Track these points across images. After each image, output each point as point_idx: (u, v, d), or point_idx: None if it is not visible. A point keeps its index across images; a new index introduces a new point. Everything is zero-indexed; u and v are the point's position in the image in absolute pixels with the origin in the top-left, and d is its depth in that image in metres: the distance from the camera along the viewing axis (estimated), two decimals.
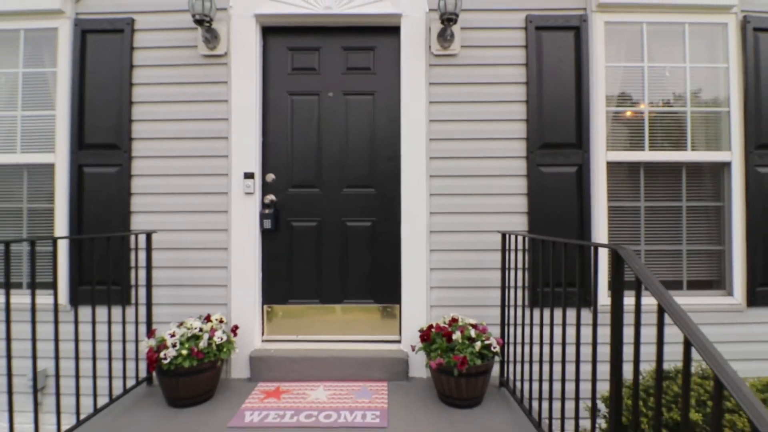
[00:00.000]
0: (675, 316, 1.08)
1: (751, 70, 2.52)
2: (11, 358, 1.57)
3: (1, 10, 2.62)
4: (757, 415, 0.78)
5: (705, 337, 1.00)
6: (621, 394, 1.36)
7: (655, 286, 1.17)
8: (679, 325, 1.06)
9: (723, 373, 0.88)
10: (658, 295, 1.15)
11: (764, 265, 2.50)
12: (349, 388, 2.27)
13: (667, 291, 1.17)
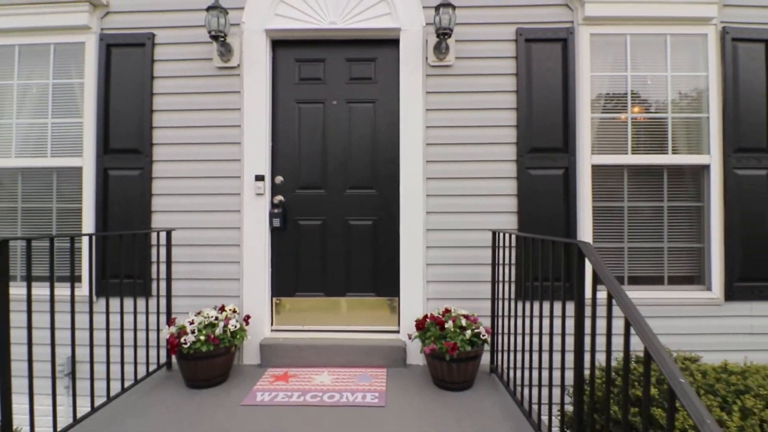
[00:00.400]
0: (619, 300, 1.25)
1: (730, 77, 2.68)
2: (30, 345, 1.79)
3: (33, 26, 2.86)
4: (674, 379, 0.96)
5: (642, 318, 1.18)
6: (583, 378, 1.51)
7: (606, 275, 1.34)
8: (621, 306, 1.23)
9: (651, 346, 1.06)
10: (607, 282, 1.32)
11: (741, 262, 2.66)
12: (351, 373, 2.48)
13: (616, 281, 1.34)
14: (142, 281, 2.64)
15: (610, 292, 1.30)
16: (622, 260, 2.74)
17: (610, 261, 2.73)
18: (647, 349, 1.07)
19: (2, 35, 2.90)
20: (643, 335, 1.10)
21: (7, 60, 2.93)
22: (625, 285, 2.73)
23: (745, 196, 2.66)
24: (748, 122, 2.67)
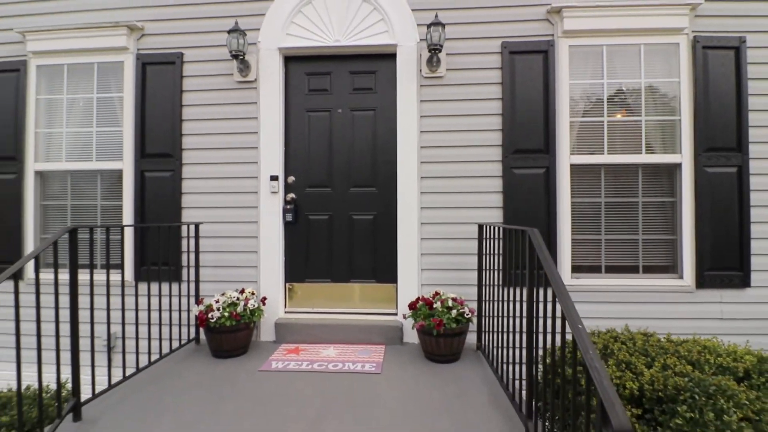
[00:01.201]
0: (551, 277, 1.52)
1: (701, 82, 2.91)
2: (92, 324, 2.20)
3: (79, 48, 3.31)
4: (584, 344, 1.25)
5: (566, 291, 1.42)
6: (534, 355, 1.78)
7: (545, 258, 1.61)
8: (552, 284, 1.50)
9: (566, 308, 1.35)
10: (545, 263, 1.59)
11: (711, 252, 2.89)
12: (353, 348, 2.83)
13: (553, 264, 1.58)
14: (174, 268, 3.06)
15: (546, 273, 1.57)
16: (600, 251, 3.01)
17: (588, 252, 3.01)
18: (563, 311, 1.37)
19: (53, 56, 3.36)
20: (562, 301, 1.38)
21: (57, 77, 3.40)
22: (603, 273, 3.00)
23: (715, 192, 2.89)
24: (717, 123, 2.90)
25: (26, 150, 3.35)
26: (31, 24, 3.36)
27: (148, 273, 2.85)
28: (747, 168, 2.90)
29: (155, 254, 2.81)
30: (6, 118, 3.36)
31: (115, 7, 3.28)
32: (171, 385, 2.30)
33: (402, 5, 3.03)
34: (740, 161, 2.90)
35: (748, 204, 2.89)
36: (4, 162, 3.35)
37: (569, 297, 1.40)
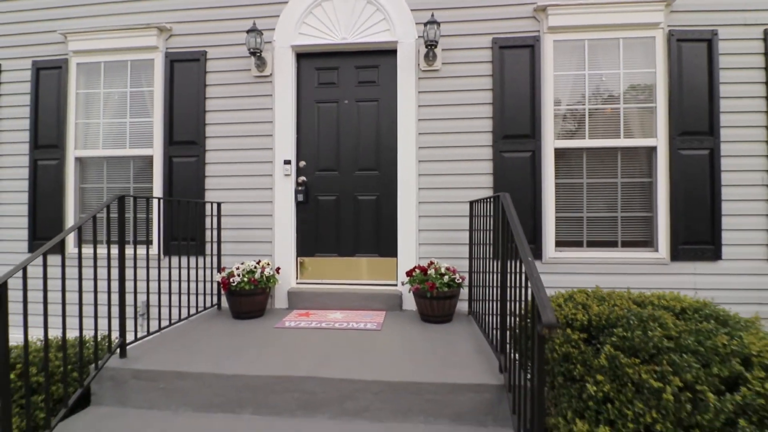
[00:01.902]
0: (516, 236, 1.80)
1: (675, 72, 3.18)
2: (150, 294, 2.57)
3: (114, 47, 3.71)
4: (530, 268, 1.56)
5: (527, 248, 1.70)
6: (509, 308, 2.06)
7: (513, 222, 1.88)
8: (519, 249, 1.78)
9: (522, 250, 1.66)
10: (513, 226, 1.87)
11: (684, 228, 3.15)
12: (357, 313, 3.17)
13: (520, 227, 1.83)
14: (199, 243, 3.44)
15: (512, 233, 1.86)
16: (582, 227, 3.29)
17: (571, 228, 3.30)
18: (517, 247, 1.67)
19: (91, 54, 3.77)
20: (522, 255, 1.67)
21: (94, 74, 3.80)
22: (584, 247, 3.28)
23: (688, 173, 3.16)
24: (691, 110, 3.17)
25: (67, 139, 3.76)
26: (71, 26, 3.77)
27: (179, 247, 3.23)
28: (718, 150, 3.16)
29: (182, 230, 3.19)
30: (50, 111, 3.78)
31: (147, 10, 3.68)
32: (199, 336, 2.67)
33: (402, 5, 3.36)
34: (712, 144, 3.16)
35: (719, 183, 3.15)
36: (48, 149, 3.77)
37: (524, 239, 1.71)
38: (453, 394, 1.95)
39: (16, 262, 3.74)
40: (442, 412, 1.94)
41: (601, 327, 1.69)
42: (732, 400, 1.34)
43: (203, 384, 2.07)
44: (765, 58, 3.17)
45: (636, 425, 1.38)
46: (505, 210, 1.95)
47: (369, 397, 1.98)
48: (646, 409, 1.37)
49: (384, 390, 1.98)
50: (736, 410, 1.34)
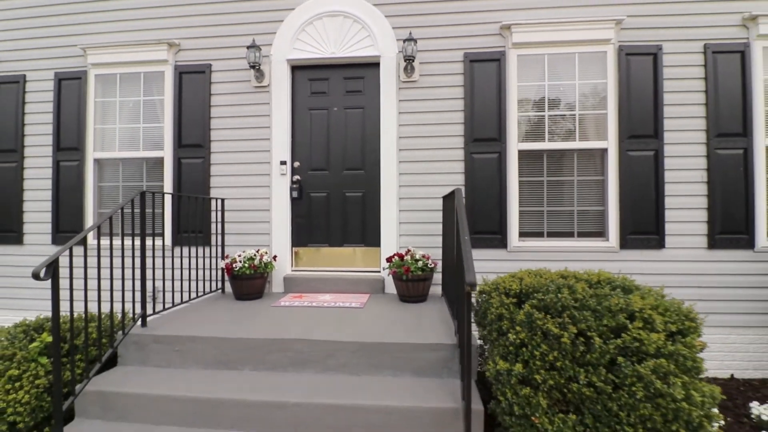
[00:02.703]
0: (459, 223, 2.26)
1: (624, 82, 3.60)
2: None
3: (129, 60, 4.14)
4: (467, 266, 2.00)
5: (467, 240, 2.16)
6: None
7: (461, 210, 2.31)
8: (459, 231, 2.24)
9: (462, 230, 2.10)
10: (459, 215, 2.32)
11: (632, 220, 3.58)
12: (344, 296, 3.60)
13: (465, 217, 2.31)
14: (204, 235, 3.88)
15: (457, 219, 2.29)
16: (542, 219, 3.72)
17: (533, 220, 3.73)
18: (458, 229, 2.11)
19: (108, 67, 4.22)
20: (461, 236, 2.11)
21: (111, 84, 4.25)
22: (545, 237, 3.72)
23: (635, 171, 3.58)
24: (638, 116, 3.59)
25: (87, 142, 4.21)
26: (90, 41, 4.21)
27: (188, 239, 3.66)
28: (662, 151, 3.58)
29: (190, 223, 3.64)
30: (71, 117, 4.23)
31: (157, 27, 4.12)
32: (206, 311, 3.11)
33: (384, 24, 3.79)
34: (657, 146, 3.58)
35: (663, 180, 3.58)
36: (69, 151, 4.22)
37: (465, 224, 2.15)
38: (416, 352, 2.38)
39: (41, 252, 4.20)
40: (407, 366, 2.38)
41: (528, 293, 2.12)
42: (614, 343, 1.77)
43: (211, 346, 2.51)
44: (704, 69, 3.59)
45: (542, 363, 1.82)
46: (455, 202, 2.38)
47: (347, 355, 2.42)
48: (549, 351, 1.81)
49: (359, 349, 2.42)
50: (617, 351, 1.77)
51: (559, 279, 2.22)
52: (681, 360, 1.75)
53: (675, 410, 1.69)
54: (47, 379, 2.31)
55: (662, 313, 1.85)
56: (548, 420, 1.77)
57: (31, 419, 2.24)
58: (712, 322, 3.54)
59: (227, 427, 2.14)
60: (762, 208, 3.53)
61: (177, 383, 2.32)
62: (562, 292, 1.97)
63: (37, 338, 2.43)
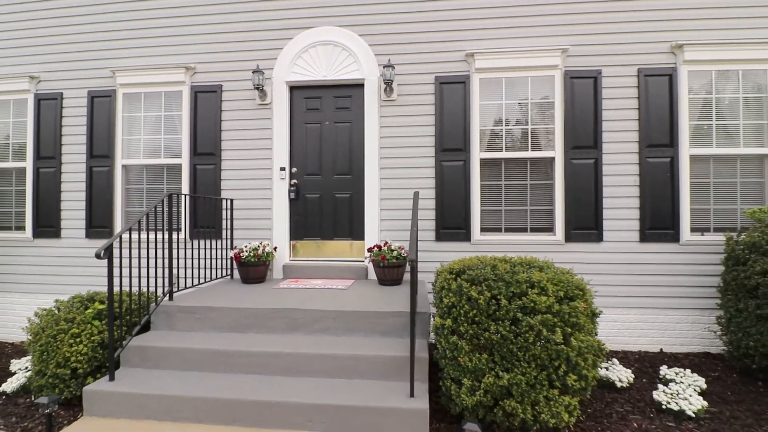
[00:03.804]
0: (412, 224, 2.94)
1: (569, 101, 4.27)
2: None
3: (151, 81, 4.86)
4: (411, 246, 2.68)
5: (415, 231, 2.84)
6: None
7: (415, 208, 3.01)
8: (412, 223, 2.92)
9: (411, 237, 2.78)
10: (414, 214, 3.00)
11: (575, 218, 4.24)
12: (333, 280, 4.30)
13: (417, 213, 2.99)
14: (216, 230, 4.59)
15: (413, 214, 2.99)
16: (501, 217, 4.40)
17: (493, 218, 4.40)
18: (413, 221, 2.79)
19: (134, 87, 4.94)
20: (412, 226, 2.79)
21: (136, 101, 4.97)
22: (503, 232, 4.39)
23: (577, 176, 4.25)
24: (580, 129, 4.26)
25: (116, 150, 4.93)
26: (118, 64, 4.94)
27: (203, 233, 4.37)
28: (601, 160, 4.25)
29: (204, 220, 4.34)
30: (102, 129, 4.95)
31: (176, 53, 4.84)
32: (219, 290, 3.82)
33: (368, 52, 4.49)
34: (596, 155, 4.25)
35: (602, 184, 4.24)
36: (101, 159, 4.94)
37: (416, 218, 2.83)
38: (383, 318, 3.07)
39: (76, 244, 4.93)
40: (376, 329, 3.07)
41: (463, 271, 2.79)
42: (516, 304, 2.45)
43: (224, 314, 3.22)
44: (638, 90, 4.25)
45: (466, 318, 2.50)
46: (413, 202, 3.07)
47: (330, 321, 3.12)
48: (471, 309, 2.49)
49: (339, 316, 3.11)
50: (518, 309, 2.45)
51: (494, 261, 2.90)
52: (566, 317, 2.43)
53: (557, 351, 2.36)
54: (100, 336, 3.02)
55: (555, 284, 2.52)
56: (468, 359, 2.45)
57: (89, 366, 2.96)
58: (644, 304, 4.21)
59: (236, 371, 2.84)
60: (686, 207, 4.18)
61: (198, 341, 3.03)
62: (485, 269, 2.65)
63: (91, 306, 3.15)
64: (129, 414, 2.61)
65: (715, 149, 4.19)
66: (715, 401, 3.10)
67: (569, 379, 2.36)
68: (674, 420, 2.82)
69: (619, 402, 3.08)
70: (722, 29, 4.19)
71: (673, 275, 4.18)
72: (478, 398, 2.41)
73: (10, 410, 3.11)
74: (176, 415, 2.55)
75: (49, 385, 2.94)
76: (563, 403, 2.37)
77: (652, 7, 4.26)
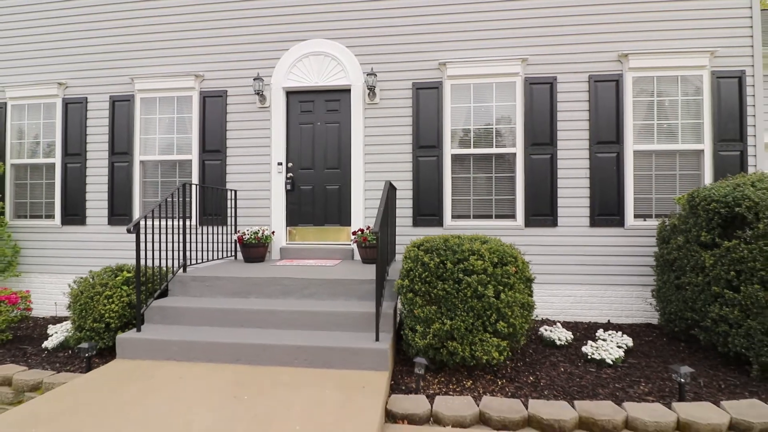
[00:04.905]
0: (380, 206, 3.58)
1: (528, 104, 4.89)
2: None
3: (165, 87, 5.54)
4: (377, 222, 3.32)
5: (380, 213, 3.50)
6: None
7: (383, 200, 3.65)
8: (379, 207, 3.57)
9: (377, 215, 3.42)
10: (382, 199, 3.65)
11: (533, 206, 4.86)
12: (324, 260, 4.95)
13: (384, 204, 3.64)
14: (222, 217, 5.26)
15: (386, 200, 3.63)
16: (469, 205, 5.03)
17: (463, 206, 5.03)
18: (385, 210, 3.43)
19: (150, 92, 5.62)
20: (379, 207, 3.44)
21: (152, 104, 5.65)
22: (471, 219, 5.02)
23: (536, 170, 4.87)
24: (538, 128, 4.88)
25: (134, 148, 5.62)
26: (137, 72, 5.63)
27: (210, 219, 5.03)
28: (556, 155, 4.87)
29: (212, 208, 5.00)
30: (122, 129, 5.64)
31: (186, 62, 5.52)
32: (224, 267, 4.49)
33: (354, 61, 5.14)
34: (552, 151, 4.87)
35: (557, 176, 4.86)
36: (121, 155, 5.63)
37: (383, 204, 3.47)
38: (360, 285, 3.72)
39: (99, 230, 5.62)
40: (354, 294, 3.72)
41: (423, 243, 3.44)
42: (459, 267, 3.08)
43: (230, 282, 3.88)
44: (588, 93, 4.87)
45: (420, 279, 3.14)
46: (383, 191, 3.71)
47: (316, 287, 3.77)
48: (424, 272, 3.13)
49: (324, 284, 3.77)
50: (460, 271, 3.08)
51: (448, 237, 3.54)
52: (499, 277, 3.06)
53: (489, 303, 3.00)
54: (128, 298, 3.70)
55: (492, 252, 3.15)
56: (421, 310, 3.09)
57: (119, 322, 3.63)
58: (594, 281, 4.83)
59: (239, 325, 3.50)
60: (630, 196, 4.79)
61: (208, 303, 3.69)
62: (439, 242, 3.30)
63: (120, 275, 3.83)
64: (152, 356, 3.28)
65: (657, 145, 4.80)
66: (638, 356, 3.72)
67: (499, 325, 3.00)
68: (596, 367, 3.45)
69: (555, 355, 3.71)
70: (663, 40, 4.80)
71: (618, 255, 4.80)
72: (428, 341, 3.05)
73: (53, 360, 3.80)
74: (191, 356, 3.21)
75: (86, 337, 3.63)
76: (494, 344, 3.01)
77: (601, 21, 4.87)
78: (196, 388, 2.75)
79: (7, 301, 4.24)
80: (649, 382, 3.14)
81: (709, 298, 3.37)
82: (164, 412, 2.43)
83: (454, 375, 3.20)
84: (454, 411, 2.62)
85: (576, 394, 2.97)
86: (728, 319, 3.20)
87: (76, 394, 2.69)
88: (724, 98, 4.71)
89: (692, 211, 3.63)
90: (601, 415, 2.56)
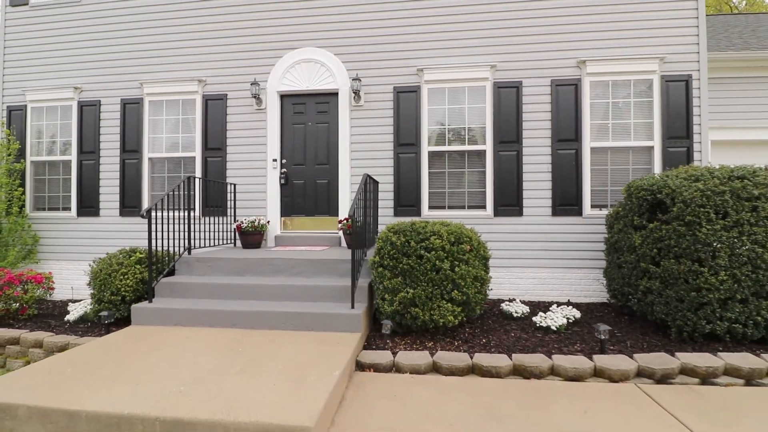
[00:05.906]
0: (357, 194, 4.15)
1: (497, 106, 5.45)
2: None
3: (171, 91, 6.13)
4: (353, 207, 3.89)
5: (356, 198, 4.07)
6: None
7: (360, 188, 4.22)
8: (359, 198, 4.14)
9: (354, 202, 3.99)
10: (360, 190, 4.21)
11: (501, 197, 5.42)
12: (314, 246, 5.53)
13: (363, 192, 4.23)
14: (222, 208, 5.84)
15: (365, 191, 4.19)
16: (445, 197, 5.59)
17: (439, 198, 5.59)
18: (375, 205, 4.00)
19: (157, 95, 6.20)
20: (357, 195, 4.01)
21: (159, 107, 6.23)
22: (446, 209, 5.58)
23: (503, 165, 5.42)
24: (506, 127, 5.43)
25: (143, 146, 6.20)
26: (146, 77, 6.21)
27: (212, 210, 5.61)
28: (522, 152, 5.42)
29: (213, 201, 5.58)
30: (132, 129, 6.22)
31: (191, 68, 6.10)
32: (224, 251, 5.07)
33: (341, 67, 5.70)
34: (518, 148, 5.42)
35: (522, 171, 5.41)
36: (131, 153, 6.22)
37: (361, 195, 4.04)
38: (341, 264, 4.29)
39: (112, 221, 6.21)
40: (335, 272, 4.29)
41: (395, 226, 4.00)
42: (421, 245, 3.65)
43: (228, 263, 4.46)
44: (551, 96, 5.41)
45: (388, 255, 3.70)
46: (360, 182, 4.28)
47: (303, 266, 4.34)
48: (392, 249, 3.70)
49: (310, 263, 4.34)
50: (422, 248, 3.64)
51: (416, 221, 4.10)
52: (455, 254, 3.62)
53: (446, 275, 3.56)
54: (141, 276, 4.28)
55: (450, 233, 3.71)
56: (389, 282, 3.66)
57: (133, 295, 4.22)
58: (555, 264, 5.38)
59: (236, 298, 4.08)
60: (587, 189, 5.34)
61: (210, 280, 4.27)
62: (407, 225, 3.86)
63: (134, 256, 4.41)
64: (163, 322, 3.86)
65: (612, 142, 5.34)
66: (583, 326, 4.26)
67: (454, 293, 3.56)
68: (542, 333, 4.00)
69: (510, 324, 4.27)
70: (617, 47, 5.34)
71: (577, 242, 5.34)
72: (395, 308, 3.62)
73: (75, 330, 4.38)
74: (195, 322, 3.79)
75: (105, 308, 4.21)
76: (450, 309, 3.57)
77: (562, 30, 5.42)
78: (201, 344, 3.33)
79: (33, 280, 4.84)
80: (583, 344, 3.70)
81: (639, 273, 3.92)
82: (176, 358, 3.01)
83: (419, 338, 3.77)
84: (411, 361, 3.19)
85: (518, 351, 3.52)
86: (652, 290, 3.75)
87: (102, 348, 3.28)
88: (672, 100, 5.25)
89: (628, 199, 4.18)
90: (531, 363, 3.13)
